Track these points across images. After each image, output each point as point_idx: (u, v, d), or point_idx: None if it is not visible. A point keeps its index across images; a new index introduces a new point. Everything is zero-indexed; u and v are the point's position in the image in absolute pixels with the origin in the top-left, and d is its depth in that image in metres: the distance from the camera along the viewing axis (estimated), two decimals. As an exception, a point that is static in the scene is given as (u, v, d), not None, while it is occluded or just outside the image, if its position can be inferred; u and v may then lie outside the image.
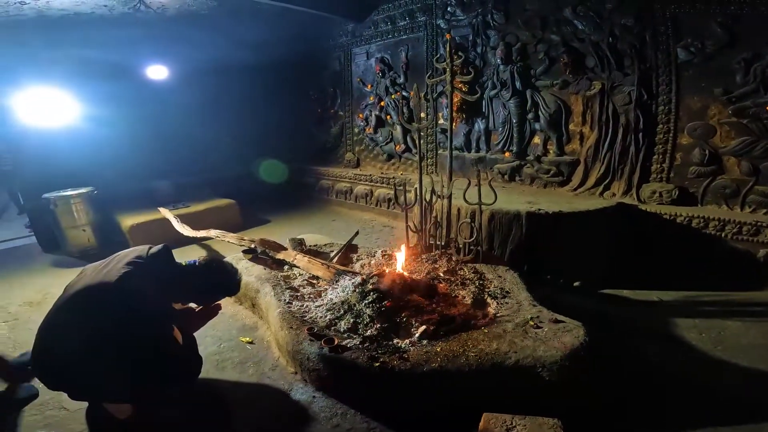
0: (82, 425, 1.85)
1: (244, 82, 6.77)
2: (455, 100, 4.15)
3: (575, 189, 3.89)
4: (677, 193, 3.38)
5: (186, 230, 3.98)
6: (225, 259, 2.26)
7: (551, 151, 4.05)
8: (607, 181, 3.74)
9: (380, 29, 5.39)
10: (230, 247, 3.77)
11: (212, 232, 3.69)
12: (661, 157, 3.47)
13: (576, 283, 3.16)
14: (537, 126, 4.09)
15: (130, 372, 1.62)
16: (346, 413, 1.88)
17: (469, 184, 2.73)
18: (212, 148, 6.75)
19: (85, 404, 1.93)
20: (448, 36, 4.32)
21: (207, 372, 2.19)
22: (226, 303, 2.99)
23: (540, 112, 4.01)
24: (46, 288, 3.43)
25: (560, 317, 2.05)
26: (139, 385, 1.71)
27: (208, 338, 2.54)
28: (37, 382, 2.04)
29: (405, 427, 1.80)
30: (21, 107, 4.84)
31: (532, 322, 2.02)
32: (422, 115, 4.92)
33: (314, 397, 2.00)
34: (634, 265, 3.29)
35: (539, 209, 3.12)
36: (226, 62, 6.33)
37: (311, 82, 6.64)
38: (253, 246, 3.04)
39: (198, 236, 3.87)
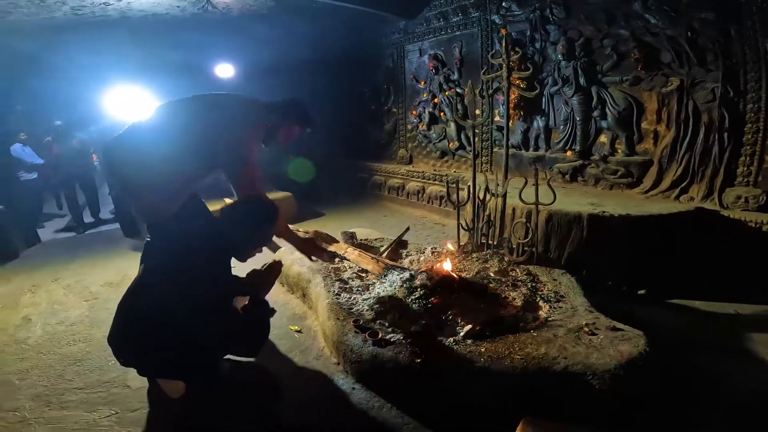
0: (142, 403, 2.04)
1: (300, 80, 7.10)
2: (512, 96, 4.10)
3: (646, 191, 3.70)
4: (765, 198, 3.11)
5: (245, 221, 4.27)
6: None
7: (620, 151, 3.88)
8: (685, 183, 3.52)
9: (432, 26, 5.44)
10: (285, 237, 4.01)
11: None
12: (748, 159, 3.21)
13: (641, 291, 3.02)
14: (604, 124, 3.94)
15: (199, 338, 1.79)
16: (383, 406, 1.94)
17: (526, 182, 2.72)
18: (273, 142, 7.19)
19: (147, 384, 2.14)
20: (503, 31, 4.29)
21: (257, 357, 2.37)
22: (279, 291, 3.22)
23: (607, 110, 3.87)
24: (125, 270, 3.85)
25: (619, 325, 2.00)
26: (209, 352, 1.89)
27: (259, 324, 2.75)
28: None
29: (440, 425, 1.83)
30: (109, 104, 5.46)
31: (586, 329, 1.99)
32: (476, 111, 4.90)
33: (354, 388, 2.08)
34: (710, 275, 3.08)
35: (603, 211, 3.02)
36: (282, 60, 6.71)
37: (365, 79, 6.84)
38: (307, 237, 3.22)
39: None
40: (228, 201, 4.94)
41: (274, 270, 2.23)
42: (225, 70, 6.48)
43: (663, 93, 3.55)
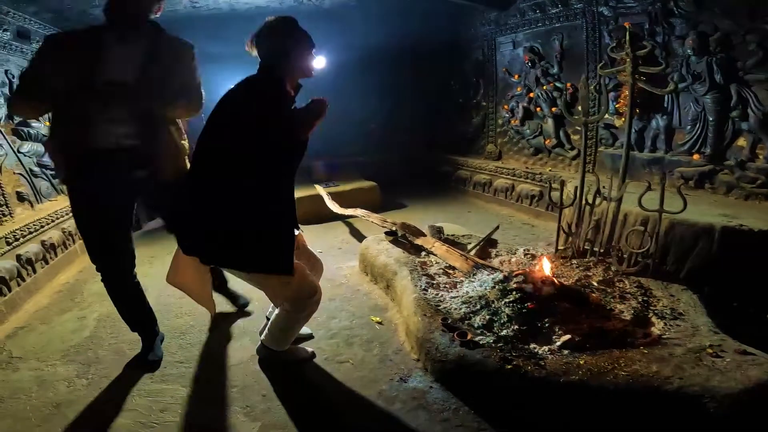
0: (238, 382, 2.16)
1: (388, 72, 7.25)
2: (626, 93, 3.79)
3: (791, 205, 3.17)
4: None
5: (336, 207, 4.48)
6: None
7: (761, 157, 3.37)
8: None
9: (528, 17, 5.19)
10: (372, 227, 4.11)
11: (359, 212, 4.08)
12: None
13: (771, 315, 2.62)
14: (744, 126, 3.45)
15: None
16: (459, 409, 1.92)
17: (649, 186, 2.47)
18: (359, 132, 7.43)
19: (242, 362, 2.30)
20: (627, 24, 3.96)
21: (337, 345, 2.48)
22: (363, 280, 3.31)
23: (749, 110, 3.38)
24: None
25: (750, 349, 1.79)
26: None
27: (343, 312, 2.85)
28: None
29: (518, 436, 1.76)
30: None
31: (710, 350, 1.80)
32: (578, 108, 4.60)
33: (431, 387, 2.06)
34: None
35: (741, 225, 2.66)
36: (370, 53, 6.87)
37: (452, 72, 6.75)
38: (394, 229, 3.27)
39: (346, 214, 4.32)
40: (318, 187, 5.21)
41: (318, 111, 1.88)
42: (318, 62, 6.78)
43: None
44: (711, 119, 3.61)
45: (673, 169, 3.90)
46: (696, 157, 3.76)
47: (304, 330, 2.57)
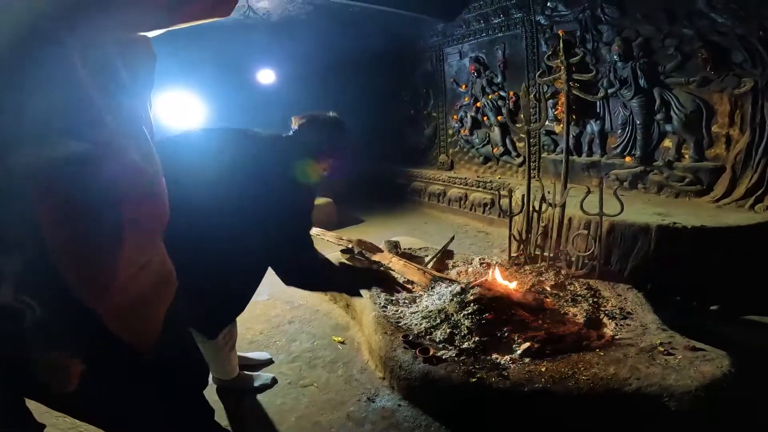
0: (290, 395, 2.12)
1: (337, 84, 7.23)
2: (562, 100, 4.00)
3: (717, 200, 3.47)
4: None
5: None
6: None
7: (687, 156, 3.67)
8: (761, 191, 3.28)
9: (472, 28, 5.38)
10: (328, 245, 4.03)
11: (313, 230, 3.97)
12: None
13: (713, 307, 2.83)
14: (668, 128, 3.75)
15: None
16: (431, 425, 1.92)
17: (588, 191, 2.60)
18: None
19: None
20: (561, 32, 4.19)
21: (300, 369, 2.40)
22: (322, 300, 3.24)
23: (672, 113, 3.67)
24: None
25: (699, 345, 1.89)
26: None
27: (303, 334, 2.77)
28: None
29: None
30: (161, 110, 5.67)
31: (661, 348, 1.89)
32: (521, 116, 4.80)
33: (399, 405, 2.05)
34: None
35: (675, 222, 2.86)
36: (319, 65, 6.85)
37: (403, 83, 6.86)
38: (350, 246, 3.22)
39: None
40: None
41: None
42: (266, 76, 6.65)
43: (735, 95, 3.33)
44: (638, 122, 3.89)
45: (608, 172, 4.16)
46: (628, 159, 4.03)
47: (263, 355, 2.48)
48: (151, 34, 0.96)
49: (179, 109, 5.81)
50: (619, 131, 4.07)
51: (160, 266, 1.01)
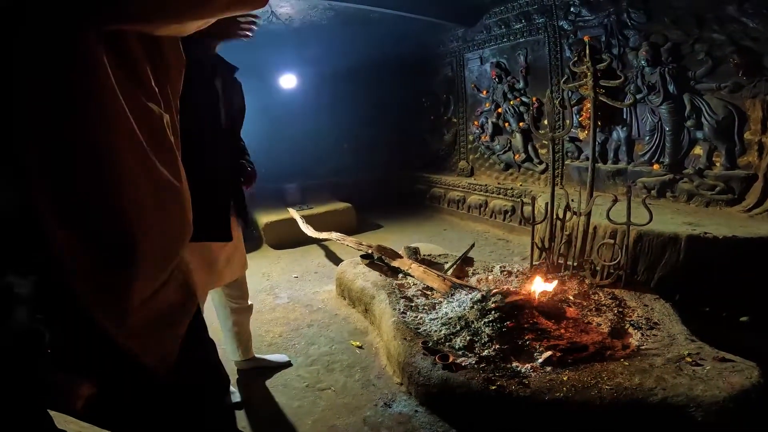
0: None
1: (361, 90, 7.31)
2: (588, 106, 3.94)
3: (749, 209, 3.35)
4: None
5: (310, 231, 4.42)
6: None
7: (718, 164, 3.56)
8: (796, 201, 3.16)
9: (493, 33, 5.37)
10: (348, 249, 4.08)
11: (333, 235, 4.03)
12: None
13: (743, 318, 2.73)
14: (699, 135, 3.64)
15: None
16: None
17: (615, 200, 2.55)
18: (332, 153, 7.45)
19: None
20: (587, 38, 4.14)
21: (317, 372, 2.42)
22: (341, 304, 3.27)
23: (703, 119, 3.57)
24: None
25: (728, 355, 1.84)
26: None
27: (322, 338, 2.80)
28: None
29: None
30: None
31: (689, 359, 1.85)
32: (544, 122, 4.74)
33: (416, 411, 2.05)
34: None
35: (705, 233, 2.78)
36: (343, 71, 6.93)
37: (423, 89, 6.88)
38: (370, 251, 3.25)
39: (320, 237, 4.27)
40: (292, 211, 5.13)
41: None
42: (288, 81, 6.78)
43: (769, 100, 3.23)
44: (668, 129, 3.79)
45: (635, 180, 4.06)
46: (656, 167, 3.93)
47: (282, 357, 2.54)
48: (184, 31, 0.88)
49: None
50: (647, 138, 3.98)
51: (183, 282, 0.94)
